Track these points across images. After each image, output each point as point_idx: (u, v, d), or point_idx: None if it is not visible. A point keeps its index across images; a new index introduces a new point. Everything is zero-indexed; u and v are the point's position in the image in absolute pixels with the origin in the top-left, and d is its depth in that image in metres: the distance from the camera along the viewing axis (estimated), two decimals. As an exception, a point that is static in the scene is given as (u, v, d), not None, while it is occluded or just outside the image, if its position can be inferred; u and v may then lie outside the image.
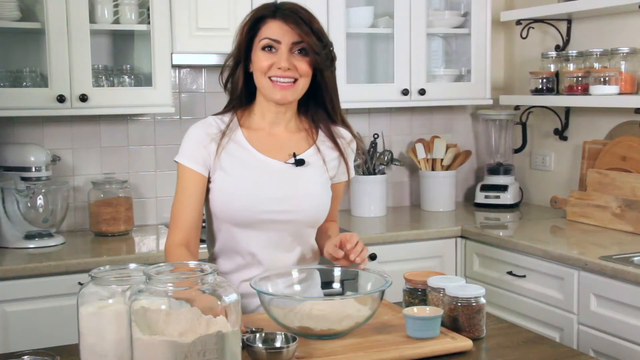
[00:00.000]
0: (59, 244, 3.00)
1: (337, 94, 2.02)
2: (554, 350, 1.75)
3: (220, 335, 1.38)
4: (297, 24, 1.88)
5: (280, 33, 1.88)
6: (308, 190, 1.98)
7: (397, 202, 3.90)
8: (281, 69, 1.88)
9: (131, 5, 3.06)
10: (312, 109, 2.03)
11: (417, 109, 3.87)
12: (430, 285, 1.86)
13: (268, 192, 1.94)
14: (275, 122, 2.00)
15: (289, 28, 1.88)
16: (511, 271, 3.00)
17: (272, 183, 1.95)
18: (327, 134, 2.04)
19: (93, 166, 3.33)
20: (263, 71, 1.90)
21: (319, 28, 1.91)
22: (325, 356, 1.62)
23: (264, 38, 1.90)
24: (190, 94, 3.48)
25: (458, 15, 3.66)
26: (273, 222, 1.95)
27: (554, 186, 3.71)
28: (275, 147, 1.99)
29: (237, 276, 1.97)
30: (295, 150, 1.99)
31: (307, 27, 1.88)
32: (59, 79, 2.92)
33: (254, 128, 2.00)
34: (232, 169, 1.95)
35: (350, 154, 2.09)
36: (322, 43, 1.90)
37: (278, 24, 1.89)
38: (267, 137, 1.99)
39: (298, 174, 1.98)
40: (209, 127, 1.98)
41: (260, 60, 1.90)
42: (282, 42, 1.88)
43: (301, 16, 1.89)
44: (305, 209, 1.97)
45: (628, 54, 3.12)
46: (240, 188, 1.94)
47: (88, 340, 1.50)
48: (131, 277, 1.55)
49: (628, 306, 2.49)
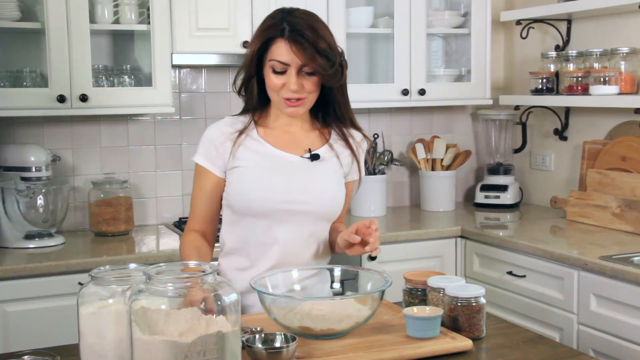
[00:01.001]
0: (59, 244, 3.00)
1: (346, 98, 2.07)
2: (554, 350, 1.75)
3: (220, 335, 1.38)
4: (303, 48, 1.89)
5: (289, 57, 1.91)
6: (323, 183, 2.03)
7: (397, 202, 3.90)
8: (291, 90, 1.92)
9: (131, 5, 3.07)
10: (322, 112, 2.08)
11: (417, 109, 3.88)
12: (430, 285, 1.86)
13: (284, 183, 1.99)
14: (290, 123, 2.05)
15: (294, 52, 1.90)
16: (511, 271, 3.00)
17: (288, 175, 2.00)
18: (340, 134, 2.09)
19: (93, 166, 3.33)
20: (275, 90, 1.95)
21: (326, 46, 1.91)
22: (325, 356, 1.62)
23: (272, 59, 1.93)
24: (190, 94, 3.48)
25: (458, 15, 3.66)
26: (290, 213, 1.98)
27: (554, 186, 3.71)
28: (291, 143, 2.04)
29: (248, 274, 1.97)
30: (310, 146, 2.04)
31: (312, 50, 1.89)
32: (59, 79, 2.92)
33: (270, 127, 2.06)
34: (248, 162, 2.00)
35: (361, 153, 2.13)
36: (329, 62, 1.91)
37: (286, 46, 1.91)
38: (283, 135, 2.05)
39: (313, 168, 2.02)
40: (224, 126, 2.04)
41: (272, 80, 1.95)
42: (290, 64, 1.91)
43: (307, 38, 1.90)
44: (321, 201, 2.02)
45: (628, 54, 3.12)
46: (256, 179, 1.98)
47: (88, 340, 1.50)
48: (131, 277, 1.55)
49: (628, 306, 2.49)
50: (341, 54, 1.98)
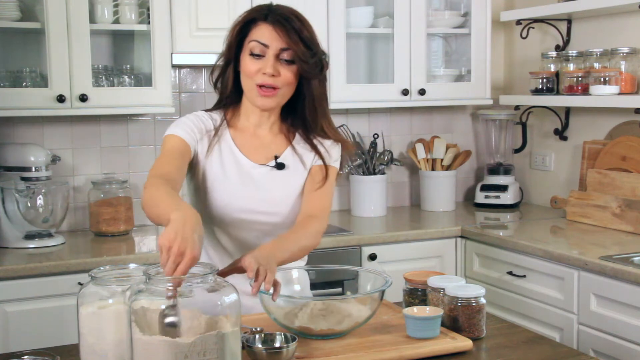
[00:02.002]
0: (59, 244, 3.00)
1: (321, 104, 1.98)
2: (554, 350, 1.75)
3: (220, 335, 1.38)
4: (286, 30, 1.87)
5: (269, 38, 1.88)
6: (286, 193, 1.99)
7: (397, 202, 3.90)
8: (266, 74, 1.87)
9: (131, 5, 3.06)
10: (292, 116, 2.02)
11: (417, 109, 3.87)
12: (430, 285, 1.86)
13: (245, 192, 1.95)
14: (259, 124, 2.01)
15: (277, 34, 1.87)
16: (511, 271, 3.00)
17: (251, 184, 1.96)
18: (303, 137, 2.02)
19: (93, 166, 3.33)
20: (249, 75, 1.90)
21: (309, 37, 1.90)
22: (325, 356, 1.62)
23: (252, 40, 1.89)
24: (190, 94, 3.48)
25: (458, 15, 3.66)
26: (249, 223, 1.96)
27: (554, 186, 3.71)
28: (259, 149, 2.00)
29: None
30: (276, 151, 2.00)
31: (295, 36, 1.87)
32: (59, 79, 2.92)
33: (240, 128, 2.01)
34: (215, 168, 1.96)
35: (332, 155, 2.02)
36: (310, 51, 1.89)
37: (268, 28, 1.88)
38: (252, 139, 2.01)
39: (277, 177, 1.98)
40: (202, 120, 2.00)
41: (248, 64, 1.90)
42: (270, 46, 1.88)
43: (292, 23, 1.88)
44: (282, 211, 1.98)
45: (628, 54, 3.12)
46: (221, 190, 1.95)
47: (88, 340, 1.50)
48: (131, 277, 1.55)
49: (628, 306, 2.49)
50: (323, 52, 1.94)
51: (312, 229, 1.91)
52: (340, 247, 3.07)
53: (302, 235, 1.88)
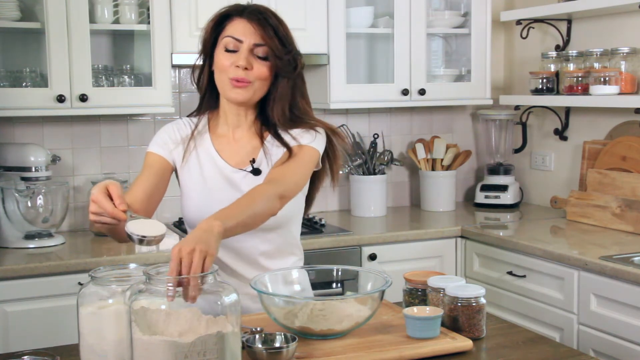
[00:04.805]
0: (59, 244, 3.00)
1: (287, 102, 1.94)
2: (554, 350, 1.75)
3: (220, 335, 1.38)
4: (261, 25, 1.87)
5: (244, 32, 1.87)
6: None
7: (397, 202, 3.90)
8: (239, 67, 1.87)
9: (131, 5, 3.06)
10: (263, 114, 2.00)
11: (417, 109, 3.88)
12: (430, 285, 1.86)
13: (225, 196, 1.92)
14: (237, 125, 1.99)
15: (252, 29, 1.87)
16: (511, 271, 3.00)
17: (231, 188, 1.95)
18: (273, 135, 1.98)
19: (93, 166, 3.33)
20: (223, 69, 1.90)
21: (285, 34, 1.89)
22: (325, 356, 1.62)
23: (227, 36, 1.89)
24: (190, 94, 3.48)
25: (458, 15, 3.66)
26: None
27: (554, 186, 3.71)
28: (239, 153, 1.98)
29: None
30: (253, 155, 1.98)
31: (271, 31, 1.87)
32: (58, 79, 2.92)
33: (219, 133, 2.01)
34: (193, 173, 1.97)
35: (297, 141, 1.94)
36: (285, 48, 1.88)
37: (243, 22, 1.88)
38: (231, 142, 1.99)
39: (257, 180, 1.94)
40: (180, 129, 2.02)
41: (221, 59, 1.90)
42: (244, 41, 1.87)
43: (268, 19, 1.88)
44: None
45: (628, 54, 3.12)
46: (196, 191, 1.96)
47: (88, 340, 1.50)
48: (131, 277, 1.55)
49: (628, 306, 2.49)
50: (299, 52, 1.93)
51: (270, 191, 1.78)
52: (340, 247, 3.07)
53: (256, 199, 1.73)
